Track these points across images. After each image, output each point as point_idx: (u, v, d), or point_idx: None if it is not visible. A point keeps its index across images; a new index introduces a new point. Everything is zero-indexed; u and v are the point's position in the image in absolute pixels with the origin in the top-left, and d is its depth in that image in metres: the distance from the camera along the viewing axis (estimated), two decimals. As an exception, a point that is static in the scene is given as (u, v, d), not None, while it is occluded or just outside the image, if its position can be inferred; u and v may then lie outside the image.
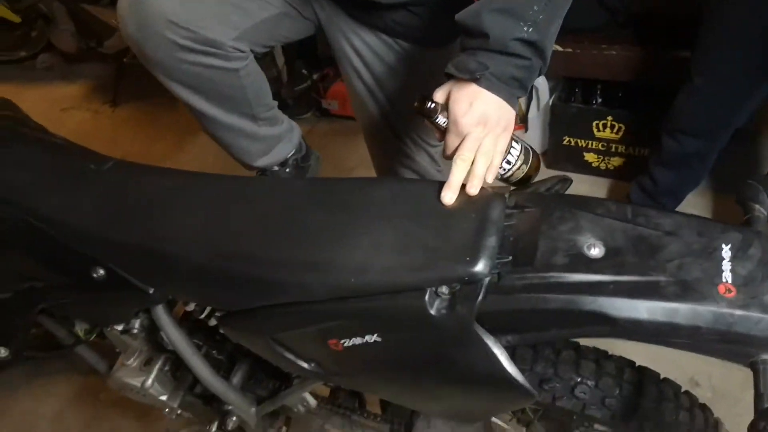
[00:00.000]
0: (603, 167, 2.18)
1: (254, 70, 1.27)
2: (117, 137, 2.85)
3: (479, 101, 0.79)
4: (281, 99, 1.43)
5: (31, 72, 3.42)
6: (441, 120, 0.83)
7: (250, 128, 1.34)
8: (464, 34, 0.83)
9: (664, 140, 1.74)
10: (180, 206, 0.88)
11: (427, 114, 0.83)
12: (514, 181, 0.90)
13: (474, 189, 0.76)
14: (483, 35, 0.78)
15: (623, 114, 2.02)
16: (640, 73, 1.94)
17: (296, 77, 2.63)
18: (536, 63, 0.80)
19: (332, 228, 0.78)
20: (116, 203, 0.89)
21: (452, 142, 0.82)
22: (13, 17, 3.09)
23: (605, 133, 2.07)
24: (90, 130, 2.92)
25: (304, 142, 1.55)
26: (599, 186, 2.19)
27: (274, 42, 1.29)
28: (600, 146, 2.12)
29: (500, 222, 0.72)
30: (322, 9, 1.24)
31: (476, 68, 0.78)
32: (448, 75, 0.82)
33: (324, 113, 2.73)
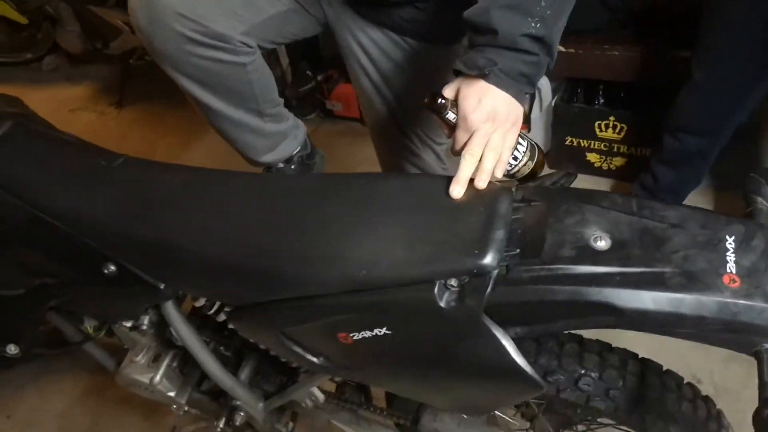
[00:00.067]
0: (605, 167, 2.19)
1: (261, 66, 1.28)
2: (123, 138, 2.87)
3: (488, 97, 0.80)
4: (285, 100, 1.46)
5: (37, 74, 3.43)
6: (450, 116, 0.84)
7: (256, 124, 1.36)
8: (472, 31, 0.84)
9: (666, 139, 1.75)
10: (191, 202, 0.89)
11: (437, 110, 0.84)
12: (520, 177, 0.91)
13: (482, 183, 0.77)
14: (491, 32, 0.80)
15: (625, 114, 2.03)
16: (642, 74, 1.95)
17: (300, 78, 2.65)
18: (544, 59, 0.81)
19: (342, 222, 0.79)
20: (127, 199, 0.90)
21: (461, 138, 0.83)
22: (21, 19, 3.10)
23: (607, 133, 2.08)
24: (96, 131, 2.93)
25: (309, 141, 1.56)
26: (601, 186, 2.20)
27: (282, 39, 1.31)
28: (602, 146, 2.13)
29: (508, 215, 0.73)
30: (330, 6, 1.25)
31: (485, 64, 0.79)
32: (457, 72, 0.84)
33: (328, 114, 2.75)
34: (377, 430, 1.15)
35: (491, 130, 0.80)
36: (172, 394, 1.17)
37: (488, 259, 0.68)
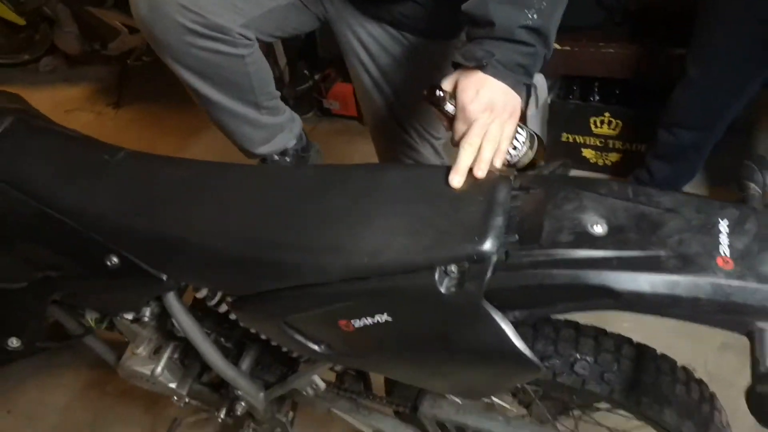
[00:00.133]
0: (600, 163, 2.21)
1: (259, 59, 1.30)
2: (121, 138, 2.84)
3: (486, 88, 0.81)
4: (283, 99, 1.49)
5: (34, 75, 3.44)
6: (449, 108, 0.86)
7: (253, 115, 1.38)
8: (470, 24, 0.86)
9: (661, 134, 1.77)
10: (193, 194, 0.89)
11: (436, 102, 0.86)
12: (521, 167, 0.92)
13: (481, 173, 0.79)
14: (489, 24, 0.81)
15: (620, 110, 2.05)
16: (637, 70, 1.97)
17: (298, 77, 2.66)
18: (541, 50, 0.83)
19: (343, 211, 0.80)
20: (130, 192, 0.91)
21: (460, 129, 0.84)
22: (18, 20, 3.10)
23: (603, 129, 2.10)
24: (94, 132, 2.88)
25: (305, 134, 1.58)
26: (597, 182, 2.21)
27: (280, 32, 1.32)
28: (598, 142, 2.15)
29: (506, 203, 0.74)
30: (330, 2, 1.27)
31: (483, 56, 0.80)
32: (456, 64, 0.85)
33: (325, 113, 2.77)
34: (377, 418, 1.16)
35: (489, 121, 0.82)
36: (174, 386, 1.18)
37: (488, 245, 0.69)
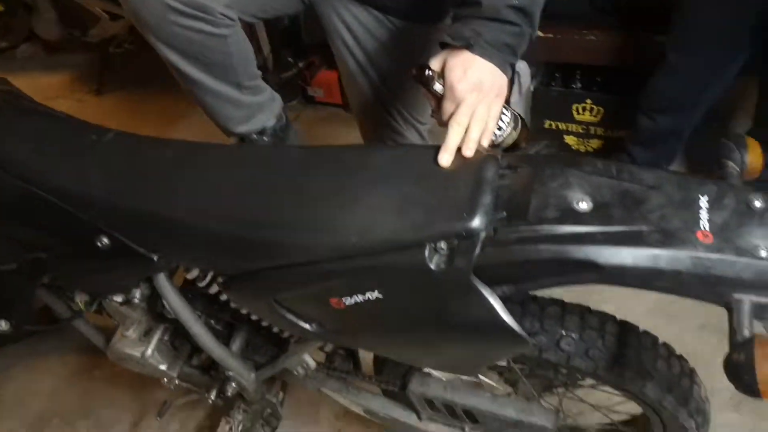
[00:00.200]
0: (582, 149, 2.24)
1: (241, 39, 1.32)
2: (103, 125, 2.84)
3: (473, 68, 0.83)
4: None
5: (12, 62, 3.37)
6: (437, 87, 0.87)
7: (234, 95, 1.40)
8: (457, 4, 0.87)
9: (640, 119, 1.80)
10: (183, 174, 0.90)
11: (425, 82, 0.87)
12: (505, 147, 0.94)
13: (469, 152, 0.80)
14: (476, 3, 0.83)
15: (602, 97, 2.07)
16: (619, 58, 1.99)
17: (282, 65, 2.65)
18: (526, 29, 0.85)
19: (333, 191, 0.81)
20: (119, 172, 0.91)
21: (448, 108, 0.86)
22: (-3, 6, 3.06)
23: (584, 116, 2.13)
24: (76, 118, 2.90)
25: (285, 114, 1.60)
26: (579, 168, 2.25)
27: (263, 14, 1.34)
28: (580, 129, 2.18)
29: (494, 181, 0.76)
30: None
31: (470, 35, 0.82)
32: (443, 44, 0.86)
33: (310, 100, 2.76)
34: (366, 397, 1.18)
35: (477, 101, 0.83)
36: (164, 368, 1.19)
37: (476, 222, 0.71)
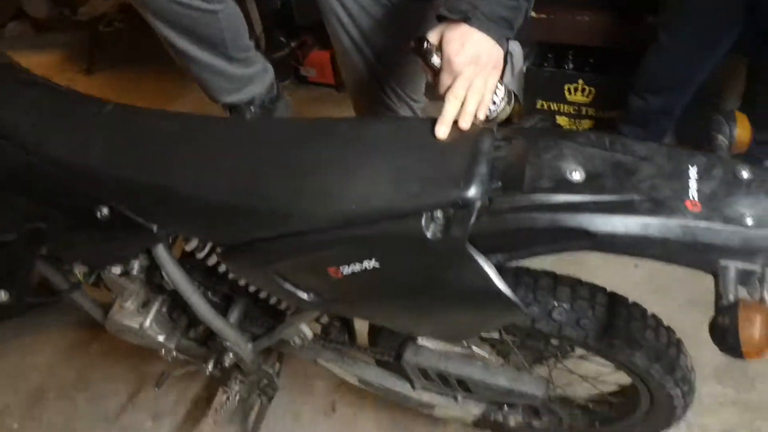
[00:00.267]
0: (574, 130, 2.26)
1: (232, 14, 1.37)
2: (101, 99, 2.84)
3: (471, 41, 0.84)
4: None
5: (0, 41, 3.35)
6: (435, 60, 0.88)
7: (225, 67, 1.45)
8: None
9: (631, 99, 1.82)
10: (182, 145, 0.90)
11: (423, 54, 0.88)
12: (498, 122, 0.96)
13: (465, 124, 0.82)
14: None
15: (594, 78, 2.09)
16: (611, 39, 2.01)
17: (274, 44, 2.64)
18: (522, 3, 0.86)
19: (332, 161, 0.82)
20: (119, 144, 0.92)
21: (445, 81, 0.87)
22: (-16, -16, 3.02)
23: (576, 97, 2.15)
24: (65, 97, 2.88)
25: (277, 86, 1.63)
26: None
27: None
28: (571, 110, 2.20)
29: (490, 152, 0.78)
30: None
31: (467, 8, 0.83)
32: (440, 17, 0.88)
33: (302, 80, 2.75)
34: (361, 367, 1.20)
35: (474, 74, 0.85)
36: (162, 339, 1.20)
37: (472, 192, 0.73)
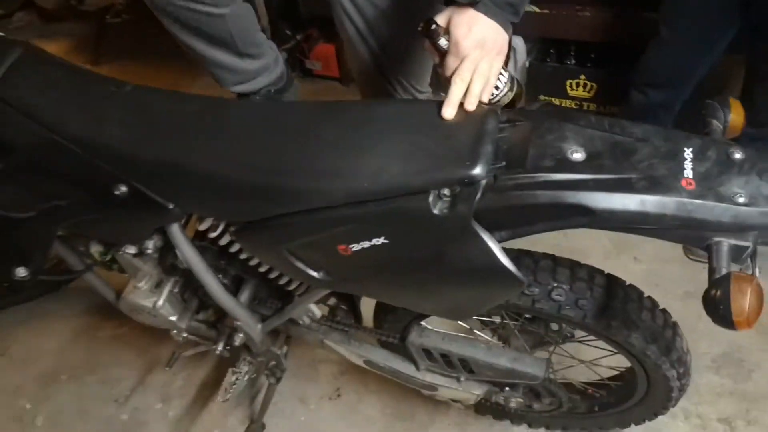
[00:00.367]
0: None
1: (241, 14, 1.41)
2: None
3: (478, 26, 0.88)
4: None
5: (7, 31, 3.38)
6: (443, 42, 0.92)
7: (234, 62, 1.49)
8: None
9: (632, 94, 1.85)
10: (199, 125, 0.93)
11: (432, 36, 0.92)
12: (501, 106, 0.99)
13: (471, 106, 0.85)
14: None
15: (595, 73, 2.13)
16: (612, 34, 2.04)
17: (280, 37, 2.67)
18: None
19: (343, 140, 0.86)
20: (138, 122, 0.95)
21: (452, 63, 0.91)
22: (-10, -28, 3.05)
23: (578, 92, 2.18)
24: (73, 86, 2.91)
25: (287, 74, 1.67)
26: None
27: None
28: (573, 105, 2.23)
29: (495, 133, 0.81)
30: None
31: None
32: (448, 1, 0.91)
33: (307, 73, 2.79)
34: (367, 349, 1.24)
35: (480, 57, 0.88)
36: (174, 318, 1.24)
37: (478, 170, 0.76)
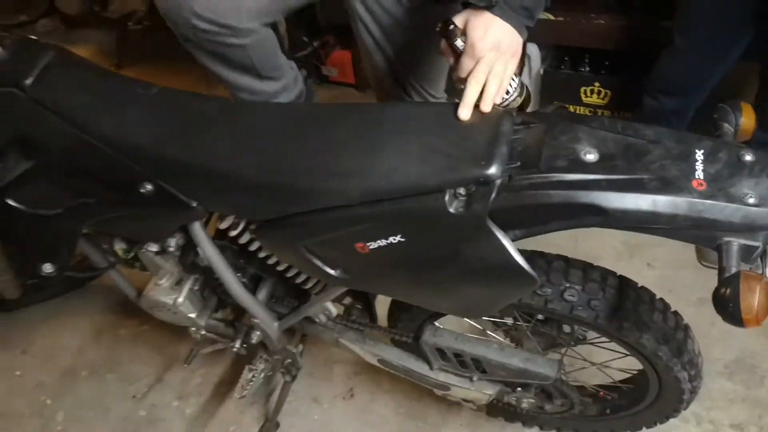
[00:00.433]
0: (589, 114, 2.30)
1: (262, 40, 1.44)
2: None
3: (494, 28, 0.91)
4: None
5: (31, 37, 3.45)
6: (459, 43, 0.95)
7: (254, 85, 1.53)
8: None
9: (646, 100, 1.86)
10: (222, 126, 0.96)
11: (449, 36, 0.95)
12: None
13: (486, 107, 0.87)
14: None
15: (609, 80, 2.14)
16: (626, 42, 2.05)
17: (297, 44, 2.71)
18: None
19: (361, 141, 0.88)
20: (164, 123, 0.98)
21: (467, 65, 0.93)
22: (15, -21, 3.12)
23: (592, 99, 2.20)
24: (94, 93, 2.97)
25: (306, 91, 1.72)
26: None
27: (282, 14, 1.46)
28: (587, 111, 2.24)
29: (509, 134, 0.83)
30: None
31: None
32: (465, 3, 0.94)
33: (324, 80, 2.82)
34: (381, 348, 1.26)
35: (495, 59, 0.91)
36: (193, 315, 1.27)
37: (493, 170, 0.78)
